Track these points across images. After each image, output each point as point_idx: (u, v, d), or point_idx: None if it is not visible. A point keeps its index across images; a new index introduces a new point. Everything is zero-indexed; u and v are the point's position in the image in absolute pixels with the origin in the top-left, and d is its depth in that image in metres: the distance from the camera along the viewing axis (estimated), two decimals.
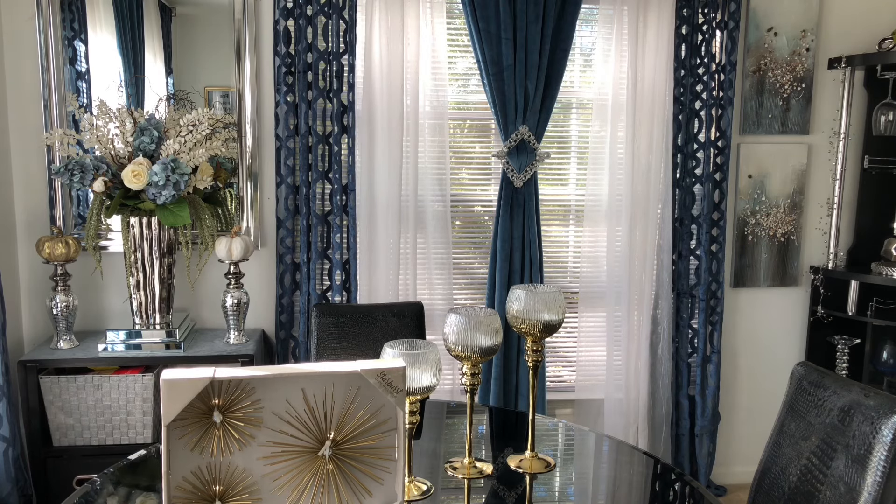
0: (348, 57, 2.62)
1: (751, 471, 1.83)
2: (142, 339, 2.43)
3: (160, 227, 2.42)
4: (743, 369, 3.17)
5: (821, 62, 2.99)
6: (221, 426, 1.18)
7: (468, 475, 1.57)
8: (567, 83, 2.86)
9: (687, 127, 2.88)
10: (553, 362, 3.11)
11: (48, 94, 2.53)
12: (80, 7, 2.55)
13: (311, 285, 2.70)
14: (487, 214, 2.95)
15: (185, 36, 2.64)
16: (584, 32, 2.89)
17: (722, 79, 2.85)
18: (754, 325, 3.14)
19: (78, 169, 2.27)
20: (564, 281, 3.03)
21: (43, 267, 2.55)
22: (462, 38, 2.83)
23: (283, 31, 2.59)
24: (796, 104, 3.00)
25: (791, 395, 1.75)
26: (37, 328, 2.67)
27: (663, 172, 2.88)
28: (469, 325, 1.44)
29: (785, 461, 1.70)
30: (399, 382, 1.22)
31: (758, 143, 3.01)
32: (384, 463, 1.25)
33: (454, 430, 1.79)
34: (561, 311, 1.50)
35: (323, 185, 2.70)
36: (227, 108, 2.66)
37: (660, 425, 3.04)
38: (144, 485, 1.56)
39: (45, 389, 2.36)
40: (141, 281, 2.43)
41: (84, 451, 2.40)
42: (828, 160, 3.05)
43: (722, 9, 2.81)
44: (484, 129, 2.91)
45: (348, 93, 2.64)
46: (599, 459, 1.76)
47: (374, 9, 2.62)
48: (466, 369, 1.58)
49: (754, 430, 3.18)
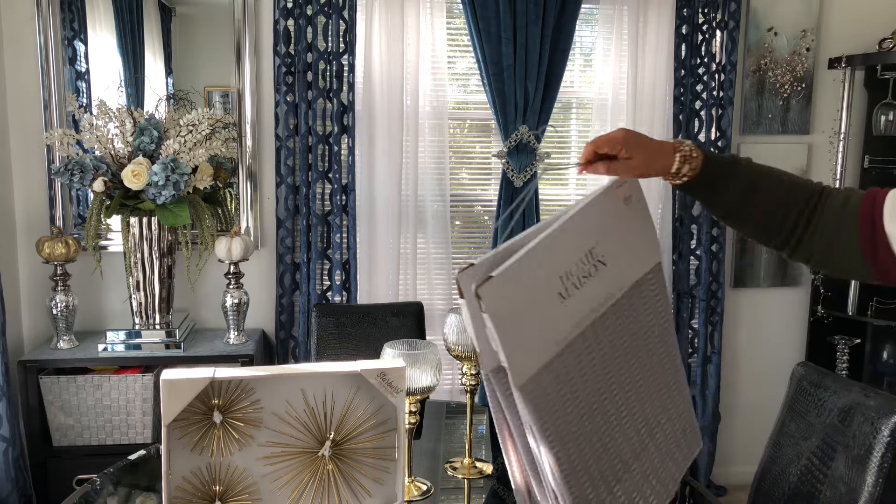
0: (348, 57, 2.62)
1: (751, 471, 1.83)
2: (142, 339, 2.43)
3: (160, 227, 2.41)
4: (743, 369, 3.17)
5: (821, 62, 2.98)
6: (221, 426, 1.18)
7: (468, 475, 1.57)
8: (567, 83, 2.85)
9: (687, 127, 2.87)
10: None
11: (48, 94, 2.53)
12: (79, 7, 2.55)
13: (310, 285, 2.70)
14: (487, 214, 2.95)
15: (185, 36, 2.64)
16: (584, 32, 2.89)
17: (722, 79, 2.85)
18: (754, 325, 3.14)
19: (78, 169, 2.27)
20: None
21: (43, 267, 2.54)
22: (462, 38, 2.82)
23: (283, 30, 2.59)
24: (796, 104, 2.99)
25: (791, 395, 1.75)
26: (37, 328, 2.67)
27: None
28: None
29: (785, 461, 1.70)
30: (399, 382, 1.22)
31: (758, 143, 3.00)
32: (384, 463, 1.25)
33: (454, 430, 1.79)
34: None
35: (323, 185, 2.70)
36: (226, 108, 2.66)
37: None
38: (144, 485, 1.56)
39: (44, 389, 2.35)
40: (141, 281, 2.43)
41: (84, 451, 2.40)
42: (828, 160, 3.05)
43: (722, 8, 2.81)
44: (484, 128, 2.91)
45: (348, 93, 2.64)
46: None
47: (374, 9, 2.62)
48: (466, 369, 1.58)
49: (754, 430, 3.17)
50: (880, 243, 0.99)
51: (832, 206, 1.04)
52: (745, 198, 1.06)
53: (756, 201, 1.06)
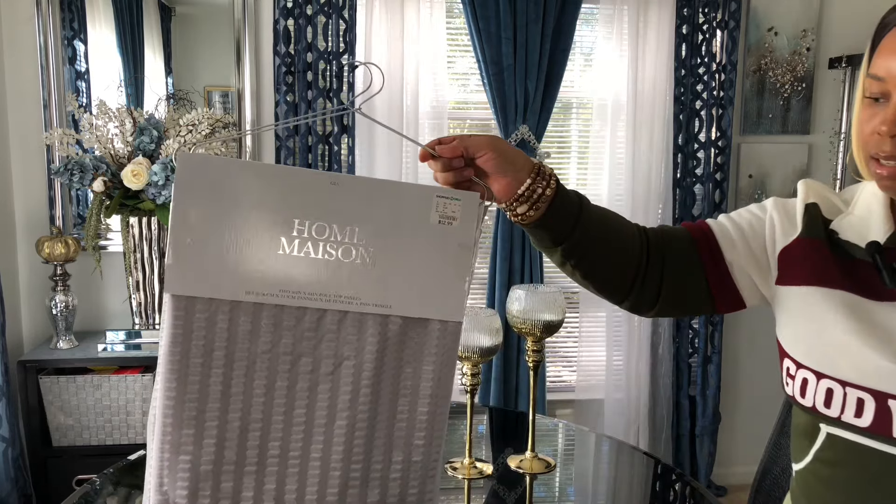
0: (348, 57, 2.62)
1: (751, 471, 1.83)
2: (141, 339, 2.43)
3: (160, 227, 2.41)
4: (743, 370, 3.16)
5: (821, 62, 2.98)
6: None
7: (468, 475, 1.57)
8: (567, 83, 2.85)
9: (687, 127, 2.87)
10: (553, 362, 3.11)
11: (48, 93, 2.53)
12: (79, 6, 2.55)
13: None
14: (487, 214, 2.94)
15: (185, 35, 2.64)
16: (584, 32, 2.88)
17: (722, 78, 2.85)
18: (755, 325, 3.14)
19: (77, 169, 2.26)
20: (565, 281, 3.02)
21: (42, 267, 2.54)
22: (462, 37, 2.82)
23: (282, 30, 2.59)
24: (797, 104, 2.99)
25: None
26: (36, 328, 2.67)
27: (664, 172, 2.88)
28: (469, 325, 1.44)
29: (786, 461, 1.69)
30: None
31: (758, 142, 3.00)
32: None
33: (454, 430, 1.79)
34: (561, 311, 1.50)
35: None
36: (226, 108, 2.66)
37: (660, 426, 3.04)
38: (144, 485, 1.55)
39: (44, 389, 2.35)
40: (140, 281, 2.43)
41: (84, 451, 2.40)
42: (828, 160, 3.04)
43: (722, 8, 2.81)
44: (484, 128, 2.91)
45: (348, 93, 2.64)
46: (600, 460, 1.75)
47: (374, 8, 2.62)
48: (466, 369, 1.57)
49: (755, 430, 3.17)
50: (724, 275, 1.00)
51: (670, 247, 1.02)
52: (596, 232, 0.98)
53: (608, 238, 0.99)
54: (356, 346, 0.83)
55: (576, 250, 0.97)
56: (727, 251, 1.00)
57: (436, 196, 0.84)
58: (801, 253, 0.96)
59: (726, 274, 1.00)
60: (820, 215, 0.97)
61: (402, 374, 0.85)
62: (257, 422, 0.82)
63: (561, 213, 0.95)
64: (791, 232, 0.98)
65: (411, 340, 0.84)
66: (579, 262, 0.98)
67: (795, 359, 0.94)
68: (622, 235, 1.01)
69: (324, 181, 0.80)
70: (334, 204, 0.81)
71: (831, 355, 0.89)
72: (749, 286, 1.01)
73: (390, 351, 0.84)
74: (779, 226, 0.99)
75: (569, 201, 0.96)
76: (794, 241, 0.97)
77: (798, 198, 1.00)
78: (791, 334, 0.96)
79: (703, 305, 1.03)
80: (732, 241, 1.00)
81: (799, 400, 0.94)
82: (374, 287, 0.82)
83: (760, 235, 1.00)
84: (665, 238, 1.03)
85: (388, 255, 0.82)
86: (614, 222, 1.01)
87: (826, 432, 0.93)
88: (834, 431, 0.91)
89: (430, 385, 0.85)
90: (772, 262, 0.99)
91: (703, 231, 1.02)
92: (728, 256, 1.00)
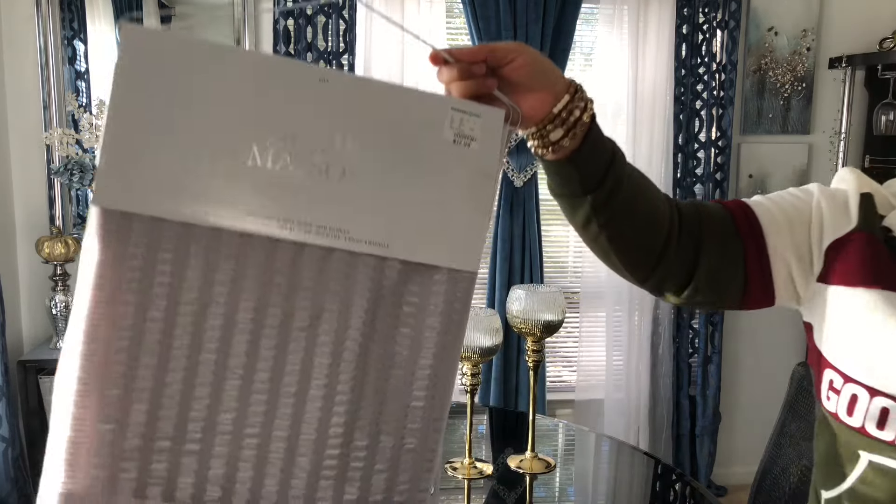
0: (348, 56, 2.62)
1: (751, 471, 1.83)
2: None
3: None
4: (744, 370, 3.16)
5: (821, 62, 2.98)
6: None
7: (468, 475, 1.57)
8: None
9: (688, 126, 2.87)
10: (553, 362, 3.11)
11: (47, 93, 2.52)
12: (79, 6, 2.55)
13: None
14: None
15: None
16: (585, 32, 2.88)
17: (722, 78, 2.85)
18: (755, 325, 3.13)
19: (77, 169, 2.26)
20: (565, 281, 3.03)
21: (42, 267, 2.54)
22: (462, 38, 2.82)
23: (282, 30, 2.59)
24: (797, 104, 2.99)
25: (791, 395, 1.75)
26: (36, 328, 2.66)
27: (664, 172, 2.87)
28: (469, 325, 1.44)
29: (786, 461, 1.69)
30: None
31: (758, 142, 3.00)
32: None
33: (454, 430, 1.79)
34: (561, 311, 1.50)
35: None
36: None
37: (660, 425, 3.03)
38: None
39: (44, 390, 2.35)
40: None
41: None
42: (828, 160, 3.04)
43: (722, 8, 2.81)
44: None
45: None
46: (600, 460, 1.75)
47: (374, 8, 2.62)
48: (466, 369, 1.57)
49: (755, 430, 3.17)
50: (764, 261, 0.86)
51: (707, 221, 0.87)
52: (628, 182, 0.81)
53: (638, 196, 0.83)
54: (341, 298, 0.64)
55: (608, 202, 0.80)
56: (770, 235, 0.85)
57: (451, 108, 0.65)
58: (856, 249, 0.81)
59: (766, 260, 0.85)
60: (874, 208, 0.83)
61: (396, 339, 0.66)
62: (204, 386, 0.63)
63: (597, 149, 0.77)
64: (843, 223, 0.83)
65: (411, 294, 0.66)
66: (609, 219, 0.81)
67: (843, 371, 0.81)
68: (652, 196, 0.84)
69: (311, 76, 0.63)
70: (322, 106, 0.63)
71: (893, 369, 0.77)
72: (785, 279, 0.86)
73: (384, 307, 0.66)
74: (828, 214, 0.84)
75: (604, 138, 0.78)
76: (847, 235, 0.82)
77: (849, 186, 0.85)
78: (839, 342, 0.83)
79: (734, 295, 0.88)
80: (777, 224, 0.85)
81: (844, 419, 0.81)
82: (368, 218, 0.64)
83: (805, 223, 0.85)
84: (699, 211, 0.88)
85: (387, 178, 0.65)
86: (645, 179, 0.85)
87: (868, 460, 0.80)
88: (877, 460, 0.79)
89: (430, 354, 0.67)
90: (816, 254, 0.85)
91: (742, 209, 0.87)
92: (770, 241, 0.85)
